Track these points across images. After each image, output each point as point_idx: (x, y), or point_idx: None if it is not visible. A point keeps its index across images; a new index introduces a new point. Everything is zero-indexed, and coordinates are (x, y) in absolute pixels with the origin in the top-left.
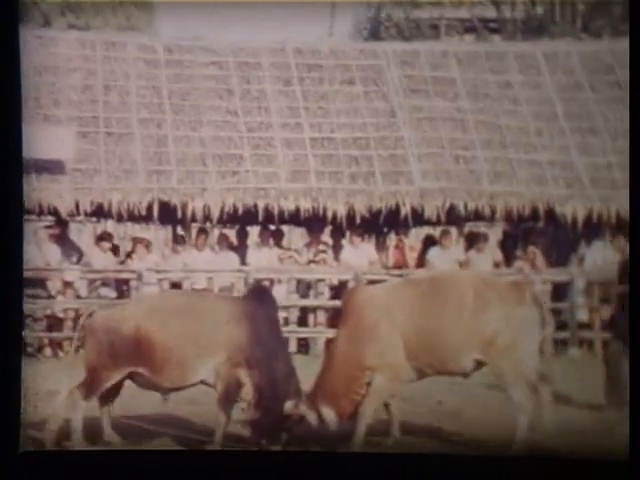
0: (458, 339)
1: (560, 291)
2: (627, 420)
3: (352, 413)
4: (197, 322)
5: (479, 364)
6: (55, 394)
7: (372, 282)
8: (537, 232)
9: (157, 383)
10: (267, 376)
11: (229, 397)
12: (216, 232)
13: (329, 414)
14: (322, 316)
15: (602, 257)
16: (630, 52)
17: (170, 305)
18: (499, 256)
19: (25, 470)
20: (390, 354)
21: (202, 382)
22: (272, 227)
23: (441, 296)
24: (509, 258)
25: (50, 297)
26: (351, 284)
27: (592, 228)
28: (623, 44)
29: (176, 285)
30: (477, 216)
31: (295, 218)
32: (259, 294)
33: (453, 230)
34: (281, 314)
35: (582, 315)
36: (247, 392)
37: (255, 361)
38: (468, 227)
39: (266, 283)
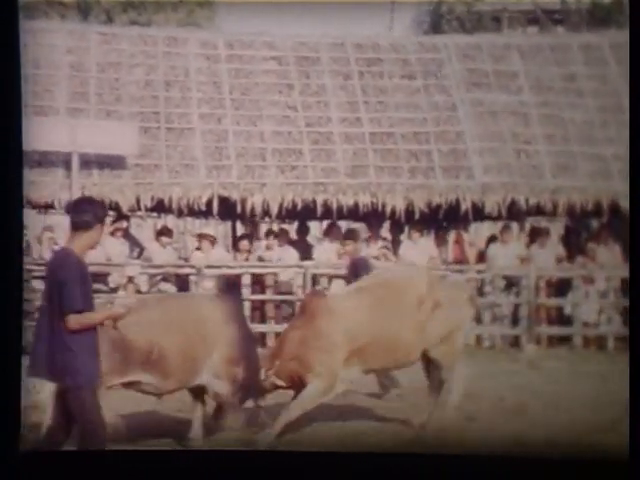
0: (409, 338)
1: (625, 288)
2: (627, 420)
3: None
4: (197, 324)
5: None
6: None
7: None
8: (600, 227)
9: (160, 388)
10: (249, 369)
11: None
12: (275, 227)
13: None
14: None
15: None
16: (630, 48)
17: (165, 310)
18: (561, 251)
19: (25, 470)
20: (335, 364)
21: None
22: (337, 223)
23: (392, 299)
24: (572, 254)
25: (112, 291)
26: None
27: None
28: None
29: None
30: (539, 211)
31: (354, 213)
32: (230, 290)
33: (514, 225)
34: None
35: None
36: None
37: (242, 356)
38: (530, 222)
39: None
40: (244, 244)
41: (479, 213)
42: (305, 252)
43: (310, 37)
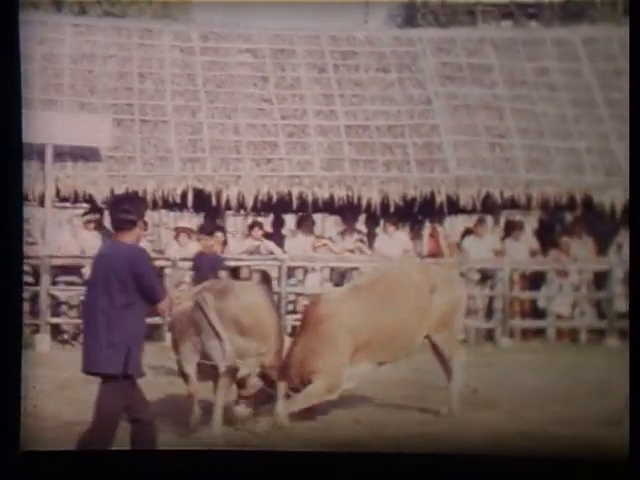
0: (412, 325)
1: (598, 281)
2: (627, 420)
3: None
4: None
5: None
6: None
7: None
8: (574, 221)
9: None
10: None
11: None
12: (250, 220)
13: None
14: None
15: None
16: (630, 48)
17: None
18: (535, 245)
19: (25, 470)
20: (337, 364)
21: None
22: (310, 215)
23: (389, 291)
24: (545, 247)
25: (86, 284)
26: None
27: None
28: None
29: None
30: (513, 204)
31: (329, 206)
32: (267, 280)
33: (489, 218)
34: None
35: (620, 305)
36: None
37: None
38: (504, 215)
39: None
40: (219, 236)
41: (454, 206)
42: (279, 245)
43: (285, 30)
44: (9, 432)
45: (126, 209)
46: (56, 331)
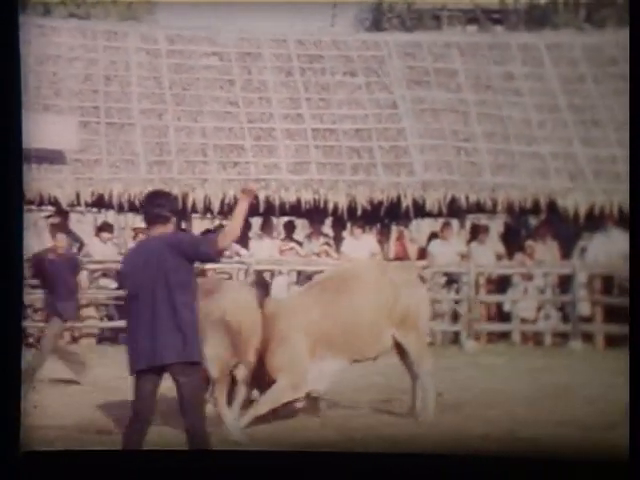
0: (375, 323)
1: (562, 284)
2: (627, 420)
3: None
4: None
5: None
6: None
7: None
8: (538, 225)
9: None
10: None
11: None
12: (216, 223)
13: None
14: None
15: (604, 250)
16: (630, 44)
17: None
18: (500, 248)
19: (25, 470)
20: (295, 362)
21: None
22: (272, 218)
23: (348, 290)
24: (510, 251)
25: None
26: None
27: (594, 221)
28: (627, 35)
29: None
30: (479, 208)
31: (296, 209)
32: (262, 283)
33: (455, 222)
34: None
35: (584, 309)
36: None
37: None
38: (470, 219)
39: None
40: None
41: (420, 210)
42: (245, 248)
43: (252, 33)
44: (9, 432)
45: (160, 204)
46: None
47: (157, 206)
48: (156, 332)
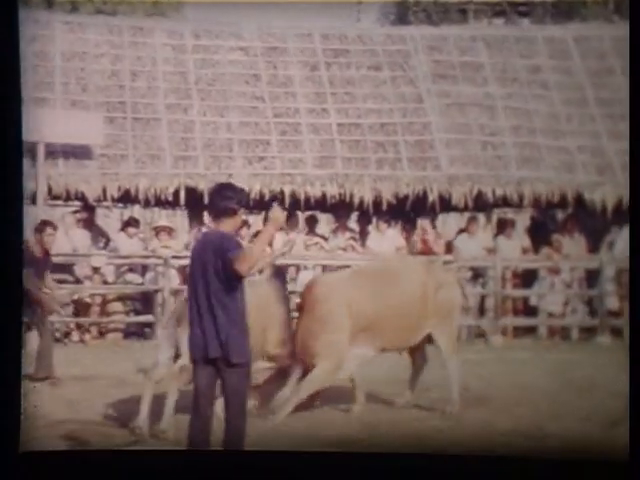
0: (413, 316)
1: (590, 278)
2: (627, 420)
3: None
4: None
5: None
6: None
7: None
8: (565, 219)
9: None
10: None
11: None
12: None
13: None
14: None
15: None
16: (630, 45)
17: None
18: (527, 243)
19: (25, 470)
20: (339, 343)
21: None
22: (301, 213)
23: (390, 281)
24: (537, 245)
25: (77, 282)
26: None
27: (622, 215)
28: None
29: None
30: (505, 202)
31: (321, 204)
32: (280, 274)
33: (481, 216)
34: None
35: (611, 303)
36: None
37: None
38: (496, 213)
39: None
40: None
41: (446, 204)
42: (269, 244)
43: (277, 28)
44: (9, 432)
45: (228, 196)
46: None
47: (224, 198)
48: (203, 326)
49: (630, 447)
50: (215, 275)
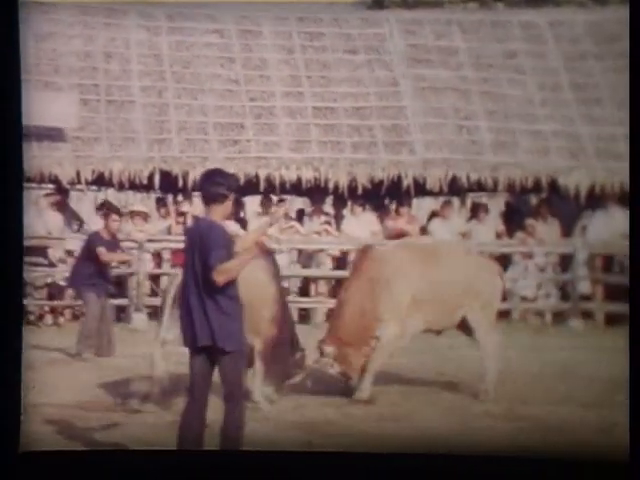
0: (456, 298)
1: (563, 263)
2: (627, 420)
3: (359, 366)
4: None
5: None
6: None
7: None
8: (539, 204)
9: None
10: (283, 332)
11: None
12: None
13: (333, 364)
14: (323, 286)
15: (605, 229)
16: (630, 22)
17: None
18: (501, 227)
19: (25, 470)
20: (400, 307)
21: None
22: (274, 197)
23: (437, 262)
24: (511, 229)
25: (51, 265)
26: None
27: (595, 199)
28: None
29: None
30: (479, 187)
31: (296, 188)
32: (265, 251)
33: (455, 201)
34: (283, 284)
35: (584, 287)
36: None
37: (280, 316)
38: (470, 198)
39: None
40: (180, 219)
41: (421, 189)
42: (243, 227)
43: (252, 10)
44: (9, 432)
45: (218, 182)
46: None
47: (214, 184)
48: (193, 314)
49: (630, 447)
50: (202, 265)
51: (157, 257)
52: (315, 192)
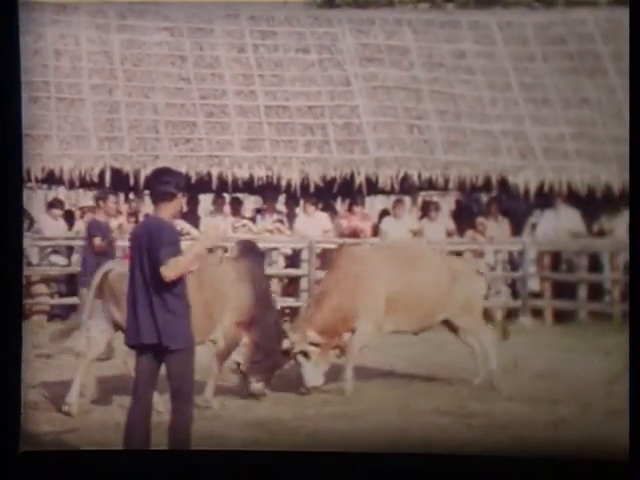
0: (433, 301)
1: (512, 261)
2: (627, 420)
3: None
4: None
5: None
6: None
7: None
8: (489, 202)
9: None
10: (264, 331)
11: (229, 352)
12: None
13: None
14: (276, 284)
15: (553, 227)
16: (630, 22)
17: None
18: (451, 225)
19: (25, 470)
20: (375, 305)
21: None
22: (227, 195)
23: (413, 265)
24: (462, 228)
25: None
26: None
27: (544, 198)
28: (576, 14)
29: None
30: (431, 185)
31: (249, 186)
32: (251, 251)
33: (407, 199)
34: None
35: (533, 285)
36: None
37: (256, 317)
38: (421, 196)
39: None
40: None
41: (373, 187)
42: (195, 226)
43: (204, 8)
44: (9, 432)
45: (166, 181)
46: None
47: (162, 183)
48: (137, 311)
49: (630, 447)
50: (150, 262)
51: None
52: (268, 190)
